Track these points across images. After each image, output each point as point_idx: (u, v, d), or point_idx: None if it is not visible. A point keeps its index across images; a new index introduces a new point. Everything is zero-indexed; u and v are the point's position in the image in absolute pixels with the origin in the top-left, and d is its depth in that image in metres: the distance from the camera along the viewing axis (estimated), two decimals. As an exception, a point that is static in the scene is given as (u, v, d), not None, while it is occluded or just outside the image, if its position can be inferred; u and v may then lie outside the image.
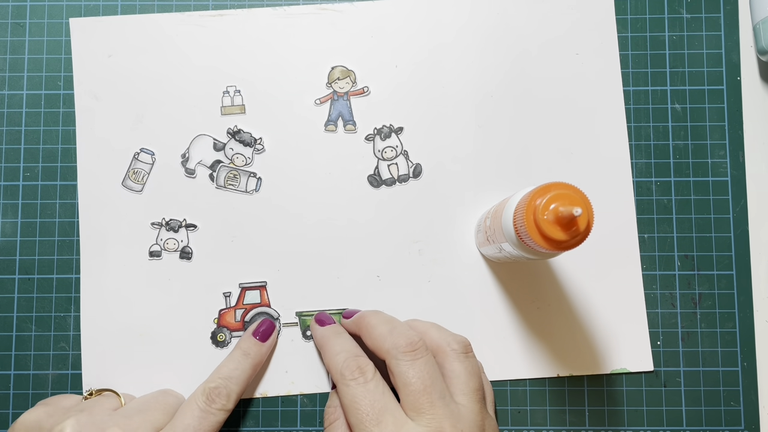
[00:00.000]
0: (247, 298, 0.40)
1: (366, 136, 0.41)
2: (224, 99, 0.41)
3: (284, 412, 0.39)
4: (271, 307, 0.40)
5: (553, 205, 0.28)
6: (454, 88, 0.41)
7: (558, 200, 0.28)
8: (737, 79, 0.42)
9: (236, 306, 0.40)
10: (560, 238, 0.28)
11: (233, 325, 0.40)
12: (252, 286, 0.40)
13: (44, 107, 0.41)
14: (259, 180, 0.41)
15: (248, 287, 0.40)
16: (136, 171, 0.41)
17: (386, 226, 0.40)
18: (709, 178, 0.41)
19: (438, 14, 0.42)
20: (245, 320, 0.40)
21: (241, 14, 0.42)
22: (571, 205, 0.28)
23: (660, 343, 0.40)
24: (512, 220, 0.30)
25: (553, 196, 0.28)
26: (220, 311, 0.40)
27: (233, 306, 0.40)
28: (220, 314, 0.40)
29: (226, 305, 0.40)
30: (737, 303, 0.40)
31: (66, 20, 0.42)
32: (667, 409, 0.40)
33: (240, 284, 0.40)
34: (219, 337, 0.40)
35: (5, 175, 0.41)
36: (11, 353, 0.40)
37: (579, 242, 0.28)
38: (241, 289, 0.40)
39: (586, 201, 0.28)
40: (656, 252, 0.41)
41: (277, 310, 0.40)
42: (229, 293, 0.40)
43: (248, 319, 0.40)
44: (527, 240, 0.29)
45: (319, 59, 0.42)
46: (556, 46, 0.42)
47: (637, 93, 0.42)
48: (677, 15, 0.42)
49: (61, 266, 0.40)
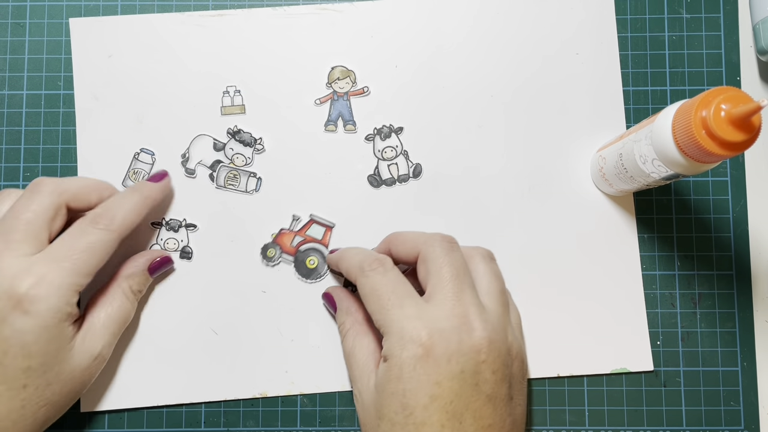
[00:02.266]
0: (311, 230, 0.40)
1: (366, 136, 0.41)
2: (224, 99, 0.41)
3: (284, 412, 0.39)
4: (327, 248, 0.40)
5: (725, 106, 0.28)
6: (454, 89, 0.41)
7: (729, 102, 0.28)
8: (737, 79, 0.42)
9: (299, 232, 0.40)
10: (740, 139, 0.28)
11: (287, 248, 0.40)
12: (321, 222, 0.40)
13: (44, 107, 0.41)
14: (259, 180, 0.41)
15: (317, 221, 0.40)
16: (136, 171, 0.41)
17: (386, 226, 0.40)
18: (709, 178, 0.41)
19: (438, 14, 0.42)
20: (299, 249, 0.40)
21: (241, 14, 0.42)
22: (744, 102, 0.27)
23: (660, 343, 0.40)
24: (671, 136, 0.30)
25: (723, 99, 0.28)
26: (282, 230, 0.40)
27: (296, 231, 0.40)
28: (280, 232, 0.40)
29: (290, 228, 0.40)
30: (737, 303, 0.40)
31: (66, 20, 0.42)
32: (667, 409, 0.40)
33: (311, 215, 0.40)
34: (269, 252, 0.40)
35: (5, 175, 0.41)
36: (11, 353, 0.40)
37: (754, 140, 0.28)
38: (310, 219, 0.40)
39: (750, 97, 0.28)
40: (656, 252, 0.41)
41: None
42: (299, 218, 0.40)
43: (302, 249, 0.40)
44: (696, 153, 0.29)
45: (319, 59, 0.42)
46: (556, 46, 0.42)
47: (637, 93, 0.42)
48: (677, 15, 0.42)
49: (61, 266, 0.40)
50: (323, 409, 0.40)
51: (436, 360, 0.30)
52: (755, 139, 0.28)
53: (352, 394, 0.33)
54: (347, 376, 0.39)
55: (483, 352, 0.31)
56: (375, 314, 0.32)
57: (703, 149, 0.28)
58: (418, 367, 0.30)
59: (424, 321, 0.31)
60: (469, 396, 0.30)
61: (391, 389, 0.31)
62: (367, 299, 0.33)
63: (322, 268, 0.40)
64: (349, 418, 0.39)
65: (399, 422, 0.30)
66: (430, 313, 0.31)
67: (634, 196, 0.41)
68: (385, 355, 0.32)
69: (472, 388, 0.30)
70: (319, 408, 0.40)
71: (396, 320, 0.31)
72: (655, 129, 0.31)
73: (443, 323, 0.31)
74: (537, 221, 0.41)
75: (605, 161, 0.38)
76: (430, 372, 0.30)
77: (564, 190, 0.41)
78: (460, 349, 0.31)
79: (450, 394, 0.30)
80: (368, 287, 0.33)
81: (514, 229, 0.40)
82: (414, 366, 0.30)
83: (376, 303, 0.32)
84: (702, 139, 0.28)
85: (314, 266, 0.40)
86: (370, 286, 0.33)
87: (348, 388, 0.39)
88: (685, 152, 0.30)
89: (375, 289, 0.33)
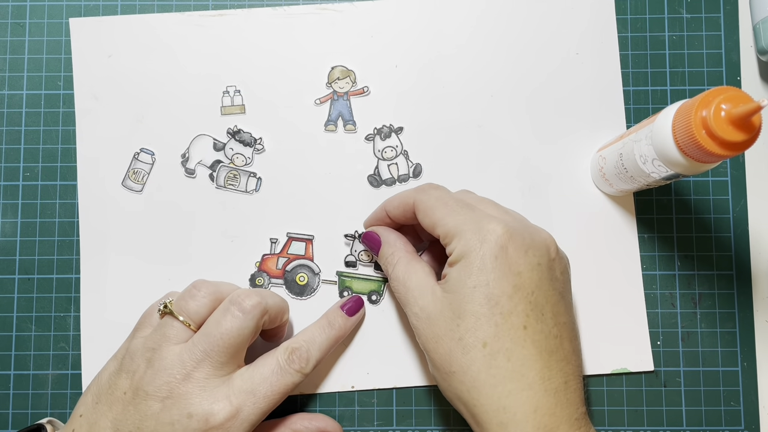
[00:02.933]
0: (293, 248, 0.40)
1: (366, 136, 0.41)
2: (224, 99, 0.41)
3: (284, 412, 0.39)
4: (314, 261, 0.40)
5: (726, 106, 0.28)
6: (454, 88, 0.41)
7: (729, 102, 0.28)
8: (737, 79, 0.42)
9: (280, 254, 0.40)
10: (740, 139, 0.28)
11: (274, 272, 0.40)
12: (299, 237, 0.40)
13: (44, 107, 0.41)
14: (259, 180, 0.41)
15: (295, 237, 0.40)
16: (136, 171, 0.41)
17: (386, 226, 0.40)
18: (709, 178, 0.41)
19: (438, 14, 0.42)
20: (286, 269, 0.40)
21: (241, 14, 0.42)
22: (744, 102, 0.27)
23: (660, 343, 0.40)
24: (671, 136, 0.30)
25: (723, 99, 0.28)
26: (264, 255, 0.40)
27: (278, 253, 0.40)
28: (263, 258, 0.40)
29: (271, 251, 0.40)
30: (737, 303, 0.40)
31: (66, 20, 0.42)
32: (667, 409, 0.40)
33: (288, 233, 0.40)
34: (257, 281, 0.40)
35: (5, 175, 0.41)
36: (11, 353, 0.40)
37: (754, 140, 0.28)
38: (288, 238, 0.40)
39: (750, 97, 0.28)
40: (656, 252, 0.41)
41: (319, 266, 0.40)
42: (276, 240, 0.40)
43: (289, 269, 0.40)
44: (696, 153, 0.29)
45: (319, 59, 0.42)
46: (556, 45, 0.42)
47: (637, 93, 0.42)
48: (677, 15, 0.42)
49: (61, 266, 0.40)
50: (323, 409, 0.40)
51: (516, 250, 0.31)
52: (755, 139, 0.28)
53: (409, 315, 0.33)
54: (347, 376, 0.39)
55: (552, 249, 0.33)
56: (442, 220, 0.33)
57: (703, 149, 0.28)
58: (500, 257, 0.31)
59: (496, 219, 0.32)
60: (547, 289, 0.31)
61: (473, 282, 0.31)
62: (432, 209, 0.34)
63: (313, 282, 0.40)
64: (349, 418, 0.39)
65: (484, 314, 0.30)
66: (497, 214, 0.33)
67: (634, 196, 0.41)
68: (460, 255, 0.32)
69: (548, 282, 0.32)
70: (320, 408, 0.40)
71: (469, 220, 0.32)
72: (656, 129, 0.31)
73: (511, 222, 0.32)
74: (537, 221, 0.41)
75: (605, 161, 0.38)
76: (512, 263, 0.31)
77: (564, 190, 0.41)
78: (534, 243, 0.32)
79: (531, 284, 0.31)
80: (433, 198, 0.34)
81: (514, 229, 0.41)
82: (496, 256, 0.31)
83: (442, 209, 0.33)
84: (702, 139, 0.28)
85: (305, 282, 0.40)
86: (435, 196, 0.34)
87: (347, 388, 0.39)
88: (685, 152, 0.30)
89: (440, 197, 0.34)
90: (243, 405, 0.32)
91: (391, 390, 0.40)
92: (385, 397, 0.40)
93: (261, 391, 0.33)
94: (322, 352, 0.36)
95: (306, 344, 0.35)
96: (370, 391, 0.40)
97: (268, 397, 0.33)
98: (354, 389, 0.40)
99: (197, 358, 0.32)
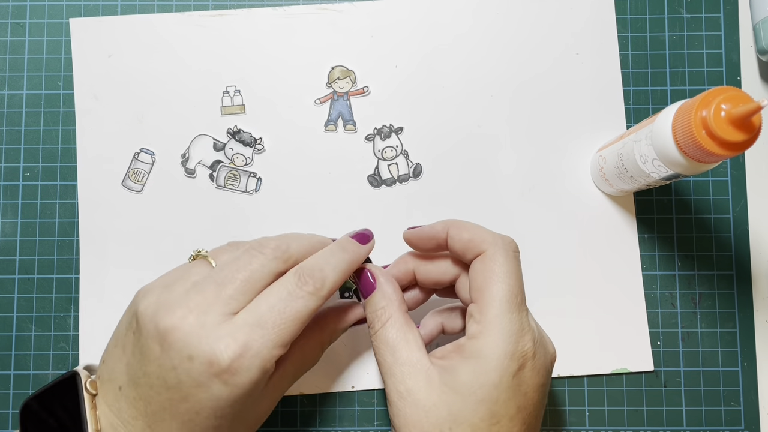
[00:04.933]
0: None
1: (366, 136, 0.41)
2: (224, 99, 0.41)
3: (284, 412, 0.39)
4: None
5: (726, 106, 0.28)
6: (454, 88, 0.41)
7: (729, 102, 0.28)
8: (737, 79, 0.42)
9: None
10: (740, 139, 0.28)
11: None
12: None
13: (44, 107, 0.41)
14: (259, 180, 0.41)
15: None
16: (136, 171, 0.41)
17: (386, 226, 0.40)
18: (709, 178, 0.41)
19: (438, 14, 0.42)
20: None
21: (241, 14, 0.42)
22: (744, 102, 0.27)
23: (660, 343, 0.40)
24: (671, 136, 0.30)
25: (723, 99, 0.28)
26: None
27: None
28: None
29: None
30: (737, 303, 0.40)
31: (66, 20, 0.42)
32: (667, 409, 0.40)
33: None
34: None
35: (5, 175, 0.41)
36: (11, 353, 0.40)
37: (754, 140, 0.28)
38: None
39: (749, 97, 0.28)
40: (656, 252, 0.41)
41: None
42: None
43: None
44: (696, 153, 0.29)
45: (319, 59, 0.42)
46: (556, 45, 0.42)
47: (637, 93, 0.42)
48: (677, 15, 0.42)
49: (61, 266, 0.40)
50: (323, 409, 0.40)
51: (531, 370, 0.30)
52: (755, 139, 0.28)
53: (390, 390, 0.30)
54: (347, 376, 0.39)
55: (552, 366, 0.32)
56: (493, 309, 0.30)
57: (704, 149, 0.28)
58: (518, 376, 0.29)
59: (531, 331, 0.30)
60: (540, 408, 0.31)
61: (482, 395, 0.29)
62: (467, 227, 0.32)
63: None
64: (349, 418, 0.39)
65: (481, 429, 0.29)
66: (529, 324, 0.31)
67: (634, 196, 0.41)
68: (476, 353, 0.30)
69: (542, 400, 0.31)
70: (319, 408, 0.40)
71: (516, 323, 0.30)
72: (656, 129, 0.31)
73: (535, 331, 0.31)
74: (537, 221, 0.41)
75: (605, 161, 0.38)
76: (523, 383, 0.30)
77: (564, 190, 0.41)
78: (545, 363, 0.31)
79: (531, 405, 0.30)
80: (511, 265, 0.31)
81: (514, 229, 0.40)
82: (514, 375, 0.29)
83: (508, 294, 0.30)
84: (702, 139, 0.28)
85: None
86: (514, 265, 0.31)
87: (347, 388, 0.39)
88: (685, 152, 0.30)
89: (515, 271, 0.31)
90: (250, 340, 0.28)
91: (391, 390, 0.40)
92: (385, 397, 0.40)
93: (269, 321, 0.29)
94: (338, 274, 0.31)
95: (318, 263, 0.31)
96: (370, 391, 0.40)
97: (279, 327, 0.29)
98: (354, 389, 0.40)
99: (204, 291, 0.29)
